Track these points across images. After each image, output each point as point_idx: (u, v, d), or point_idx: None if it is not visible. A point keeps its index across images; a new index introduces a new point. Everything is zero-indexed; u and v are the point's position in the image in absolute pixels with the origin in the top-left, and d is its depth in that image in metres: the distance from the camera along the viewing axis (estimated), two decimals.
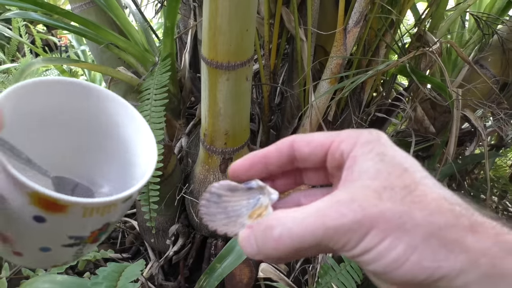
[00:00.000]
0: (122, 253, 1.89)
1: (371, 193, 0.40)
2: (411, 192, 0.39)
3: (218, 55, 1.16)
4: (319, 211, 0.40)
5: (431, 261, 0.37)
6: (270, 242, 0.41)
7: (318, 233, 0.39)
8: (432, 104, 1.89)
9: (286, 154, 0.49)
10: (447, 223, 0.38)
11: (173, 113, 1.72)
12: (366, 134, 0.45)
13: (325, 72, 1.46)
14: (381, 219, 0.38)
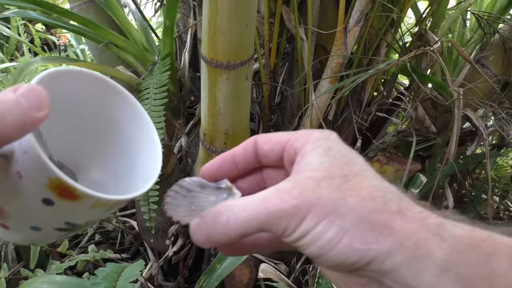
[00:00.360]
0: (122, 253, 1.89)
1: (312, 181, 0.43)
2: (348, 180, 0.43)
3: (218, 54, 1.16)
4: (263, 198, 0.43)
5: (361, 243, 0.40)
6: (219, 227, 0.44)
7: (262, 218, 0.42)
8: (433, 104, 1.89)
9: (251, 152, 0.52)
10: (377, 208, 0.41)
11: (172, 113, 1.72)
12: (317, 132, 0.48)
13: (326, 71, 1.46)
14: (317, 204, 0.41)
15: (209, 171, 0.54)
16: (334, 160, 0.45)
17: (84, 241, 1.91)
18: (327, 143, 0.47)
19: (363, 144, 1.99)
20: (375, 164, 1.67)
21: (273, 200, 0.43)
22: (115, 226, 1.94)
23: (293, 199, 0.42)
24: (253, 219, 0.43)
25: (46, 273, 1.40)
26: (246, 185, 0.55)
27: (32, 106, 0.37)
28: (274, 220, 0.42)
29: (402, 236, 0.40)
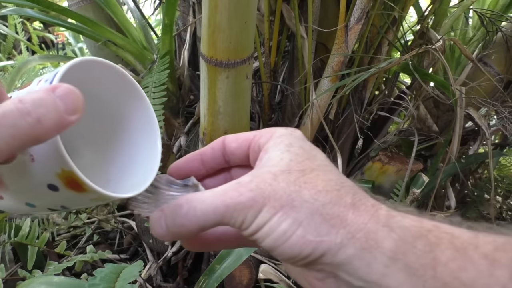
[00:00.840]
0: (120, 254, 1.89)
1: (270, 175, 0.45)
2: (305, 174, 0.45)
3: (217, 52, 1.16)
4: (223, 191, 0.45)
5: (314, 235, 0.42)
6: (178, 219, 0.46)
7: (220, 211, 0.44)
8: (435, 103, 1.89)
9: (219, 151, 0.56)
10: (331, 201, 0.43)
11: (171, 112, 1.72)
12: (281, 129, 0.51)
13: (326, 70, 1.46)
14: (273, 196, 0.43)
15: (176, 168, 0.57)
16: (294, 155, 0.47)
17: (82, 241, 1.91)
18: (290, 139, 0.49)
19: (365, 144, 1.99)
20: (377, 163, 1.67)
21: (230, 193, 0.45)
22: (113, 226, 1.94)
23: (249, 191, 0.44)
24: (211, 211, 0.44)
25: (43, 274, 1.40)
26: (214, 183, 0.57)
27: (68, 110, 0.38)
28: (232, 213, 0.44)
29: (354, 228, 0.41)
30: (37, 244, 1.53)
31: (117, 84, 0.56)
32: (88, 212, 1.80)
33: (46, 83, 0.44)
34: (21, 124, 0.35)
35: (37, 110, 0.36)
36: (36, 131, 0.36)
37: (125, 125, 0.60)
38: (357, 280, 0.42)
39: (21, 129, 0.36)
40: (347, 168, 1.92)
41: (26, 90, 0.46)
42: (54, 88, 0.38)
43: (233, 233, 0.55)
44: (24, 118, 0.36)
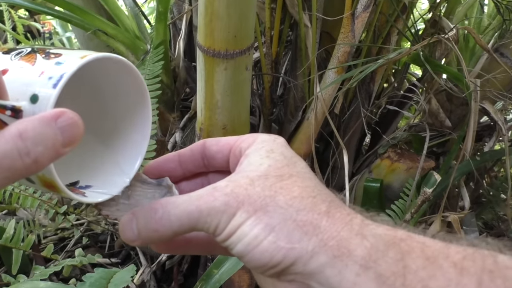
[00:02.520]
0: (111, 257, 1.89)
1: (246, 180, 0.47)
2: (283, 180, 0.47)
3: (215, 42, 1.16)
4: (198, 196, 0.47)
5: (285, 241, 0.43)
6: (151, 224, 0.47)
7: (194, 216, 0.46)
8: (448, 96, 1.89)
9: (199, 153, 0.57)
10: (305, 207, 0.44)
11: (166, 106, 1.72)
12: (264, 135, 0.54)
13: (332, 61, 1.45)
14: (247, 201, 0.45)
15: (152, 168, 0.59)
16: (273, 161, 0.49)
17: (70, 244, 1.91)
18: (271, 145, 0.51)
19: (372, 140, 1.99)
20: (385, 161, 1.67)
21: (205, 198, 0.46)
22: (104, 228, 1.94)
23: (224, 196, 0.46)
24: (185, 217, 0.46)
25: (29, 279, 1.40)
26: (190, 187, 0.59)
27: (65, 143, 0.40)
28: (205, 218, 0.46)
29: (327, 236, 0.43)
30: (22, 247, 1.53)
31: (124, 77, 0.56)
32: (77, 213, 1.80)
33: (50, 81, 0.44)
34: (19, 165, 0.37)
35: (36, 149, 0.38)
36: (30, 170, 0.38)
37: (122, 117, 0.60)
38: None
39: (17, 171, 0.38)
40: (354, 166, 1.93)
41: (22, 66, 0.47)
42: (58, 116, 0.39)
43: (204, 238, 0.57)
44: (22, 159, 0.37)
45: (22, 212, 1.90)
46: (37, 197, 1.61)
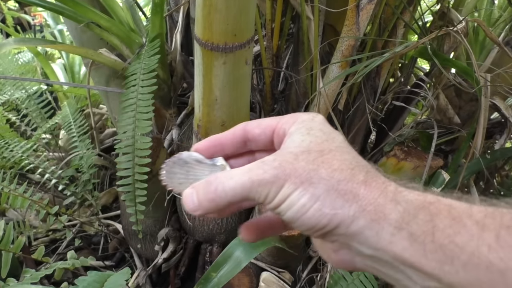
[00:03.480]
0: (105, 260, 1.89)
1: (291, 155, 0.56)
2: (323, 155, 0.55)
3: (213, 35, 1.15)
4: (249, 169, 0.56)
5: (329, 208, 0.52)
6: (209, 195, 0.57)
7: (246, 186, 0.55)
8: (457, 91, 1.89)
9: (240, 137, 0.66)
10: (345, 178, 0.53)
11: (162, 102, 1.72)
12: (304, 114, 0.62)
13: (335, 55, 1.45)
14: (293, 174, 0.53)
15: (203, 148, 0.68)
16: (314, 138, 0.58)
17: (62, 246, 1.91)
18: (311, 124, 0.60)
19: (378, 137, 1.99)
20: (391, 159, 1.66)
21: (256, 171, 0.55)
22: (97, 229, 1.95)
23: (273, 169, 0.54)
24: (238, 187, 0.55)
25: (19, 283, 1.40)
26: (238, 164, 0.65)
27: None
28: (256, 188, 0.55)
29: (365, 202, 0.52)
30: (12, 250, 1.53)
31: None
32: (69, 214, 1.80)
33: None
34: None
35: None
36: None
37: None
38: (367, 249, 0.53)
39: None
40: None
41: None
42: None
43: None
44: None
45: (12, 212, 1.90)
46: (28, 197, 1.61)
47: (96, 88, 1.85)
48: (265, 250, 1.45)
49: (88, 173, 1.87)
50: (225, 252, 1.27)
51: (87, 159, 1.90)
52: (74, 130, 1.98)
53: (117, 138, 1.36)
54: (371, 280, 1.36)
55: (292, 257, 1.50)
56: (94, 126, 2.04)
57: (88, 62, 1.65)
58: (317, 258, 1.64)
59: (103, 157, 2.23)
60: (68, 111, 2.08)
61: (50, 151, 2.31)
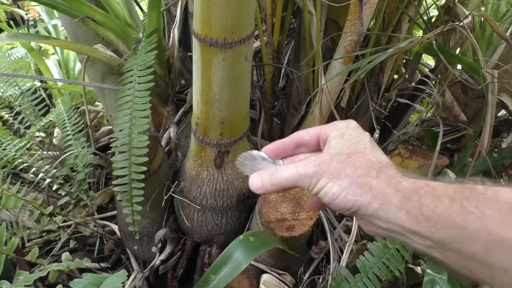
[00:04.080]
0: (101, 262, 1.89)
1: (328, 157, 0.83)
2: (350, 156, 0.82)
3: (212, 30, 1.15)
4: (297, 166, 0.84)
5: (352, 196, 0.78)
6: (270, 180, 0.86)
7: (295, 178, 0.83)
8: (463, 88, 1.89)
9: (295, 142, 0.95)
10: (362, 174, 0.78)
11: (159, 99, 1.72)
12: (341, 122, 0.90)
13: (338, 51, 1.45)
14: (328, 171, 0.80)
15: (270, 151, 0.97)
16: (345, 141, 0.86)
17: (57, 248, 1.91)
18: (345, 129, 0.88)
19: (382, 135, 1.99)
20: (396, 158, 1.66)
21: (303, 167, 0.83)
22: (92, 230, 1.95)
23: (314, 167, 0.81)
24: (290, 177, 0.84)
25: (12, 285, 1.40)
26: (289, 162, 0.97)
27: None
28: (303, 179, 0.83)
29: (376, 192, 0.76)
30: (4, 251, 1.53)
31: None
32: (64, 215, 1.79)
33: None
34: None
35: None
36: None
37: None
38: (382, 223, 0.77)
39: None
40: None
41: None
42: None
43: None
44: None
45: (5, 213, 1.90)
46: (21, 197, 1.61)
47: (91, 85, 1.85)
48: (265, 252, 1.46)
49: (83, 172, 1.87)
50: (224, 253, 1.27)
51: (82, 158, 1.90)
52: (69, 128, 1.98)
53: (113, 136, 1.36)
54: (375, 283, 1.36)
55: (293, 258, 1.50)
56: (89, 124, 2.04)
57: (83, 58, 1.65)
58: (319, 259, 1.64)
59: (99, 156, 2.23)
60: (63, 108, 2.08)
61: (44, 150, 2.31)
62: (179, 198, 1.57)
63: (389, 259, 1.38)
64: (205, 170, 1.47)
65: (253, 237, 1.23)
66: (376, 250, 1.40)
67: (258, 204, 1.43)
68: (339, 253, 1.59)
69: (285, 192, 1.33)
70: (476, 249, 0.66)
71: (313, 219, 1.32)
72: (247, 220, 1.64)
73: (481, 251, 0.66)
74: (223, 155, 1.43)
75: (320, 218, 1.64)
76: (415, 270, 1.47)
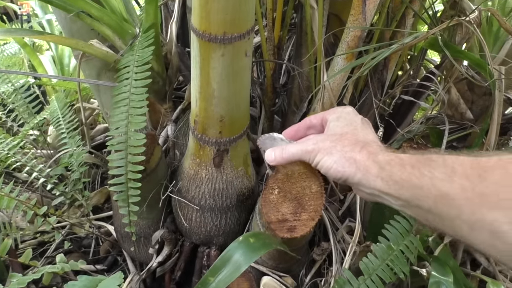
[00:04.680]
0: (96, 264, 1.89)
1: (324, 136, 1.10)
2: (342, 136, 1.06)
3: (211, 25, 1.15)
4: (301, 144, 1.14)
5: (341, 168, 1.01)
6: (281, 154, 1.17)
7: (299, 152, 1.13)
8: (469, 85, 1.89)
9: (307, 125, 1.24)
10: (350, 150, 1.01)
11: (157, 96, 1.72)
12: (339, 108, 1.18)
13: (340, 46, 1.45)
14: (322, 148, 1.06)
15: (288, 133, 1.28)
16: (340, 123, 1.12)
17: (51, 249, 1.91)
18: (341, 113, 1.15)
19: (386, 133, 1.99)
20: None
21: (304, 145, 1.11)
22: (88, 231, 1.95)
23: (313, 145, 1.09)
24: (295, 152, 1.13)
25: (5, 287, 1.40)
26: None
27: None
28: (304, 154, 1.11)
29: (359, 164, 0.99)
30: None
31: None
32: (58, 215, 1.80)
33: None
34: None
35: None
36: None
37: None
38: (366, 189, 0.99)
39: None
40: None
41: None
42: None
43: None
44: None
45: None
46: (14, 197, 1.61)
47: (86, 82, 1.85)
48: (266, 254, 1.46)
49: (78, 172, 1.87)
50: (223, 255, 1.27)
51: (77, 156, 1.89)
52: (64, 126, 1.98)
53: (109, 134, 1.36)
54: (378, 285, 1.36)
55: (294, 260, 1.50)
56: (84, 121, 2.04)
57: (78, 54, 1.65)
58: (321, 261, 1.64)
59: (94, 155, 2.23)
60: (57, 105, 2.08)
61: (38, 148, 2.31)
62: (177, 198, 1.57)
63: (393, 261, 1.38)
64: (203, 169, 1.47)
65: (253, 238, 1.23)
66: (379, 251, 1.40)
67: (258, 204, 1.43)
68: (342, 254, 1.60)
69: (286, 192, 1.32)
70: (429, 203, 0.86)
71: (315, 220, 1.32)
72: (247, 220, 1.64)
73: (432, 204, 0.85)
74: (222, 154, 1.43)
75: (322, 218, 1.64)
76: (420, 272, 1.47)
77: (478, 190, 0.77)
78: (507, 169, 0.76)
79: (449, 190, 0.81)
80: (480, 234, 0.76)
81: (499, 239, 0.73)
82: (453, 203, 0.81)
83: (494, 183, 0.76)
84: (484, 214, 0.75)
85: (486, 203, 0.75)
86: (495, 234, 0.73)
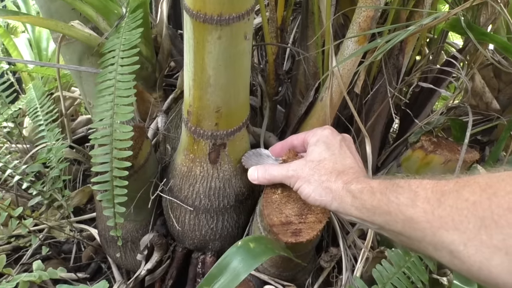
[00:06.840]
0: (77, 272, 1.89)
1: (304, 162, 1.28)
2: (320, 163, 1.25)
3: (206, 5, 1.15)
4: (282, 167, 1.33)
5: (318, 196, 1.20)
6: (263, 174, 1.37)
7: (280, 176, 1.33)
8: (495, 72, 1.89)
9: (290, 145, 1.44)
10: (326, 179, 1.20)
11: (146, 84, 1.72)
12: (318, 130, 1.35)
13: (351, 28, 1.45)
14: (301, 175, 1.26)
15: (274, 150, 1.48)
16: (318, 148, 1.29)
17: (27, 255, 1.91)
18: (319, 137, 1.31)
19: (402, 125, 1.99)
20: (418, 152, 1.66)
21: (285, 170, 1.31)
22: (68, 235, 1.95)
23: (292, 171, 1.28)
24: (277, 176, 1.33)
25: None
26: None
27: None
28: (285, 179, 1.31)
29: (334, 194, 1.16)
30: None
31: None
32: (35, 217, 1.80)
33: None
34: None
35: None
36: None
37: None
38: (344, 216, 1.16)
39: None
40: (379, 158, 1.93)
41: None
42: None
43: None
44: None
45: None
46: None
47: (67, 67, 1.85)
48: (268, 260, 1.46)
49: (57, 169, 1.86)
50: (220, 262, 1.27)
51: (56, 151, 1.89)
52: (41, 117, 1.98)
53: (92, 126, 1.36)
54: None
55: (299, 268, 1.51)
56: (64, 112, 2.04)
57: (58, 36, 1.65)
58: (329, 269, 1.64)
59: (76, 150, 2.23)
60: (34, 94, 2.08)
61: (13, 142, 2.31)
62: (168, 198, 1.57)
63: (410, 268, 1.38)
64: (198, 166, 1.47)
65: (254, 243, 1.23)
66: (395, 258, 1.41)
67: (259, 205, 1.44)
68: (353, 261, 1.60)
69: (291, 192, 1.33)
70: (399, 227, 0.98)
71: (323, 222, 1.32)
72: (247, 223, 1.64)
73: (401, 228, 0.97)
74: (219, 149, 1.43)
75: (330, 221, 1.64)
76: (440, 281, 1.47)
77: (437, 213, 0.89)
78: (460, 193, 0.86)
79: (413, 214, 0.94)
80: (442, 254, 0.89)
81: (457, 259, 0.85)
82: (417, 226, 0.93)
83: (450, 206, 0.87)
84: (443, 236, 0.87)
85: (444, 225, 0.87)
86: (453, 253, 0.85)
